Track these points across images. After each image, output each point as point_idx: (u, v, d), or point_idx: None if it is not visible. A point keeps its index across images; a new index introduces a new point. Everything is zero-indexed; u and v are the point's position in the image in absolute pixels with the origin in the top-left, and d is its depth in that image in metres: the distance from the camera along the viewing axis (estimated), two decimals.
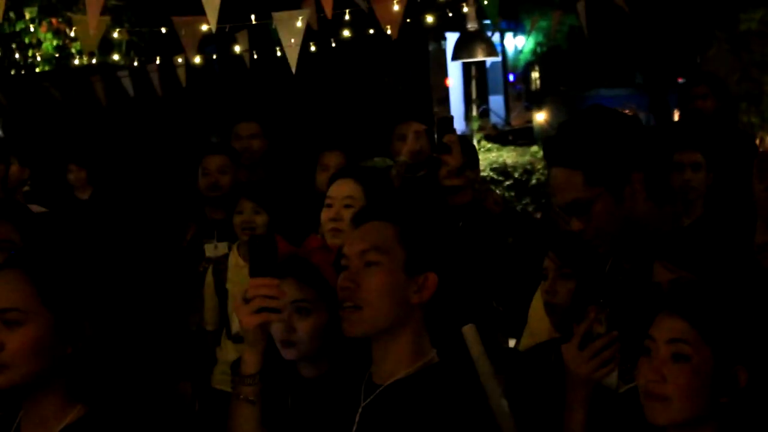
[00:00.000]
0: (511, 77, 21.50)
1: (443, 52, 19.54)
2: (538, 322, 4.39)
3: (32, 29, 12.13)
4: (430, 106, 18.03)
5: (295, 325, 3.15)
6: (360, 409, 2.57)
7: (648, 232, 2.89)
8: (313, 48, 8.49)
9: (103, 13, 8.68)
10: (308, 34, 6.68)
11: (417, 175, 5.47)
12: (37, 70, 12.32)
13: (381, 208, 2.72)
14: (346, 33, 8.03)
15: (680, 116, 7.38)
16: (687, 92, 7.24)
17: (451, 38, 17.93)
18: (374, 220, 2.65)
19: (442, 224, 4.94)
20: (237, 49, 8.24)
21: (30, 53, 12.13)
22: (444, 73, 19.76)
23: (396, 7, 6.33)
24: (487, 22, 16.27)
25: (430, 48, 19.19)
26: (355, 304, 2.55)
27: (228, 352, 5.21)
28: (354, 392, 2.63)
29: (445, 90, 19.65)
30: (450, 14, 8.93)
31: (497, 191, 6.61)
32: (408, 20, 7.83)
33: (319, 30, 7.42)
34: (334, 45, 8.68)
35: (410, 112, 7.56)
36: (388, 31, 6.73)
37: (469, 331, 2.81)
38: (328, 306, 3.10)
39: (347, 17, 7.30)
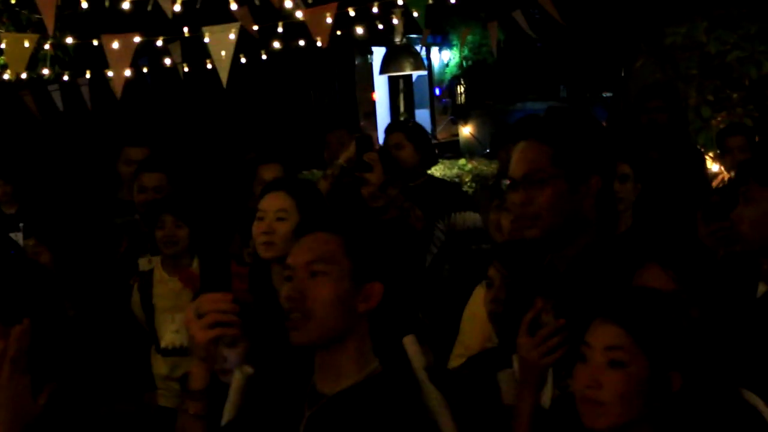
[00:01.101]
0: (437, 91, 21.54)
1: (369, 66, 19.54)
2: (470, 333, 4.43)
3: None
4: (357, 119, 18.03)
5: (225, 355, 3.19)
6: (305, 419, 2.55)
7: (584, 239, 2.94)
8: (243, 60, 8.47)
9: (29, 28, 8.62)
10: (238, 47, 6.67)
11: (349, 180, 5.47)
12: None
13: (324, 219, 2.71)
14: (276, 45, 8.01)
15: (633, 128, 7.57)
16: (642, 105, 7.37)
17: (378, 52, 17.95)
18: (318, 231, 2.64)
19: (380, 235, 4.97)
20: (168, 61, 8.19)
21: None
22: (370, 87, 19.76)
23: (328, 18, 6.35)
24: (414, 36, 16.33)
25: (357, 62, 19.20)
26: (303, 314, 2.54)
27: (158, 366, 5.19)
28: (296, 401, 2.61)
29: (372, 104, 19.65)
30: (381, 27, 8.97)
31: None
32: (338, 32, 7.85)
33: (249, 42, 7.41)
34: (265, 57, 8.66)
35: (337, 125, 7.59)
36: (319, 43, 6.73)
37: (408, 341, 2.82)
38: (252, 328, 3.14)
39: (279, 29, 7.29)
